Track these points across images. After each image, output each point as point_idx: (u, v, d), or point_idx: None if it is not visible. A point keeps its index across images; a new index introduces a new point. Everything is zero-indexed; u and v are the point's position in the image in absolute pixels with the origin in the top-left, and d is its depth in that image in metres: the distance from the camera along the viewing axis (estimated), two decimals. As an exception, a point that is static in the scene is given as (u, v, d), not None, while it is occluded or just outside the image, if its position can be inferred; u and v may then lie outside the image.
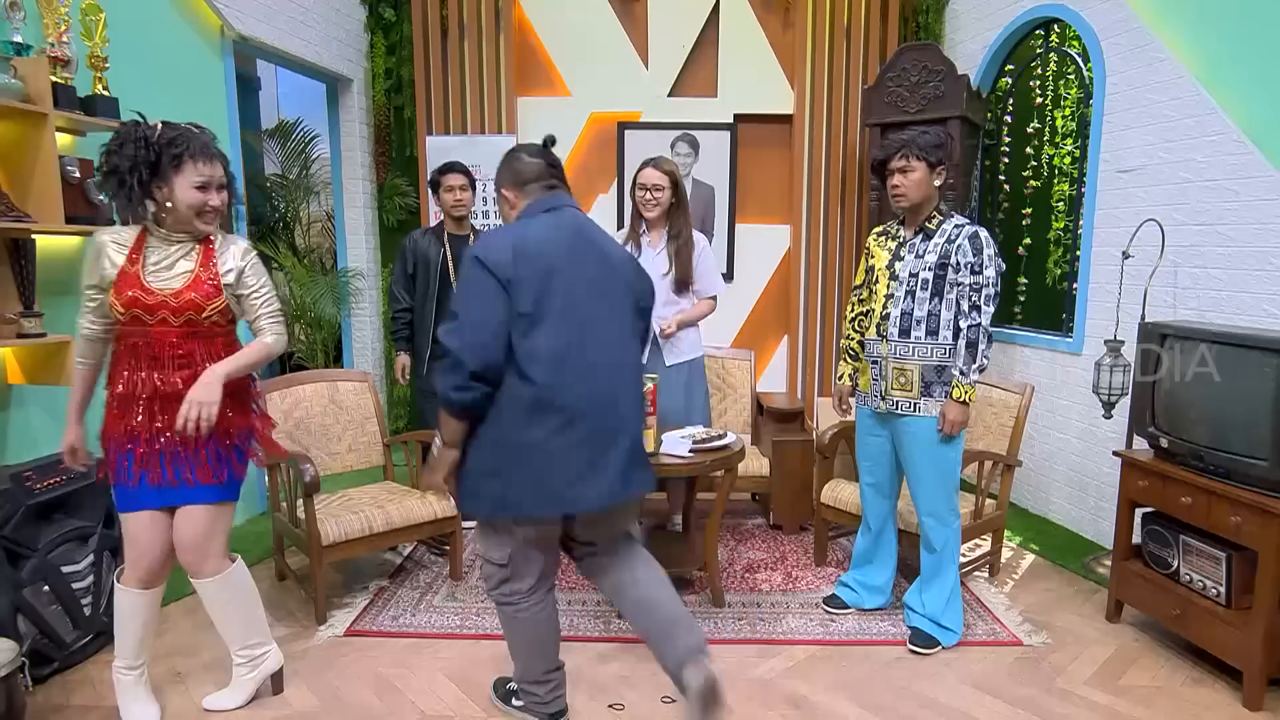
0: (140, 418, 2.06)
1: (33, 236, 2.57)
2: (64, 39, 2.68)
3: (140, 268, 2.05)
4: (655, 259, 3.18)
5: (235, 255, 2.15)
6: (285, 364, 5.82)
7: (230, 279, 2.13)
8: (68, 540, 2.50)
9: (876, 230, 2.83)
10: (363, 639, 2.74)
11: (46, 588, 2.42)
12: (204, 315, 2.08)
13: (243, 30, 3.70)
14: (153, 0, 3.26)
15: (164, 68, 3.32)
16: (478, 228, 3.87)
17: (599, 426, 1.94)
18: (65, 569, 2.47)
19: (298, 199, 5.69)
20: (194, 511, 2.12)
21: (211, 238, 2.14)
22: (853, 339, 2.88)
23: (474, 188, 3.65)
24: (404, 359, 3.71)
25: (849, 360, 2.90)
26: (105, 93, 2.83)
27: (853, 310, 2.89)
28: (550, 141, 2.18)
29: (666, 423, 3.09)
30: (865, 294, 2.82)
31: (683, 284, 3.16)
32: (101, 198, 2.68)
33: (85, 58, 2.80)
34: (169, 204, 2.03)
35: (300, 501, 2.84)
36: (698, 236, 3.24)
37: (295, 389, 3.24)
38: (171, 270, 2.08)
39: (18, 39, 2.56)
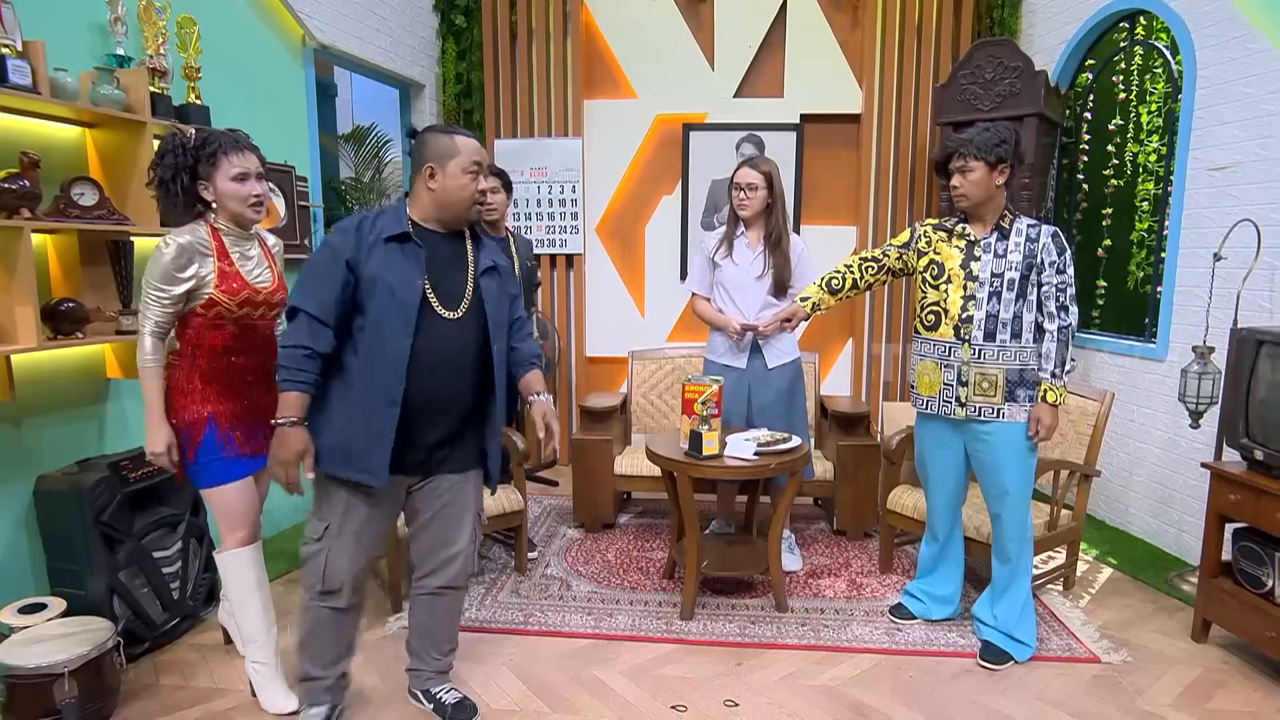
0: (248, 399, 2.27)
1: (131, 238, 2.72)
2: (161, 51, 2.83)
3: (237, 266, 2.19)
4: (752, 261, 3.15)
5: (280, 253, 2.40)
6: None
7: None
8: (159, 527, 2.65)
9: (932, 223, 2.71)
10: (431, 631, 2.80)
11: (139, 571, 2.56)
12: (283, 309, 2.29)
13: (323, 39, 3.84)
14: (241, 13, 3.41)
15: (251, 77, 3.47)
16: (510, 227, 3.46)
17: None
18: (156, 554, 2.62)
19: (371, 201, 5.87)
20: None
21: (263, 238, 2.34)
22: (851, 274, 2.79)
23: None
24: None
25: (825, 291, 2.81)
26: (198, 102, 2.98)
27: (868, 255, 2.80)
28: (411, 132, 2.15)
29: (773, 426, 3.06)
30: (893, 255, 2.74)
31: (780, 286, 3.13)
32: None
33: (180, 69, 2.95)
34: (214, 201, 2.16)
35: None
36: (795, 239, 3.19)
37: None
38: (260, 267, 2.26)
39: (120, 51, 2.72)
